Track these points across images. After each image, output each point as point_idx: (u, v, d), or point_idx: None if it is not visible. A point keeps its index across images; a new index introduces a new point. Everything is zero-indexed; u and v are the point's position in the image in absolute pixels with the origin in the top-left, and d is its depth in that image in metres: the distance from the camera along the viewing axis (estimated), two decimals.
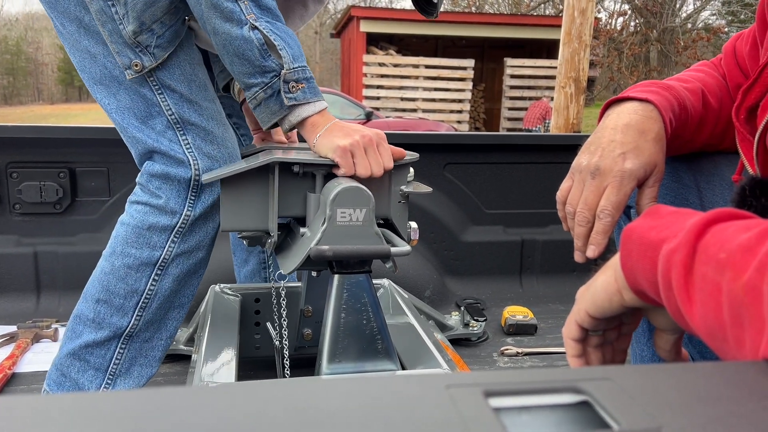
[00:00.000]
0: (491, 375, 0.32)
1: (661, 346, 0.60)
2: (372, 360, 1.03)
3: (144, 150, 1.13)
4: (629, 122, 0.78)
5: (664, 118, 0.78)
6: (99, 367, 1.14)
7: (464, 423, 0.28)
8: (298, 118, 1.07)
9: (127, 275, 1.12)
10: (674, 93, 0.82)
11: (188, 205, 1.14)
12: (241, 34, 1.03)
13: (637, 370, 0.33)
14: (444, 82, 12.63)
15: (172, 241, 1.14)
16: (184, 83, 1.12)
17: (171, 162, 1.12)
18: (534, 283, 2.18)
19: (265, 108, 1.07)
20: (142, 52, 1.08)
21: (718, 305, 0.39)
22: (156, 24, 1.08)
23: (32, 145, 1.83)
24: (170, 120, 1.11)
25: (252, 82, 1.05)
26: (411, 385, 0.31)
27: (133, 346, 1.15)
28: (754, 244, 0.38)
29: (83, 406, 0.29)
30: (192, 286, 1.20)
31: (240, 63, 1.05)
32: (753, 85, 0.72)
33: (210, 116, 1.15)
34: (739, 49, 0.88)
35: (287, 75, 1.04)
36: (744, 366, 0.34)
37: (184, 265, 1.16)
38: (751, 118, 0.73)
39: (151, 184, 1.14)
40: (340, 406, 0.29)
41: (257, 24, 1.03)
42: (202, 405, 0.29)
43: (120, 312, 1.13)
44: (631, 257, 0.52)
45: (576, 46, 5.38)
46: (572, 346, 0.62)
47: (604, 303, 0.56)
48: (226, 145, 1.17)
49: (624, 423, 0.28)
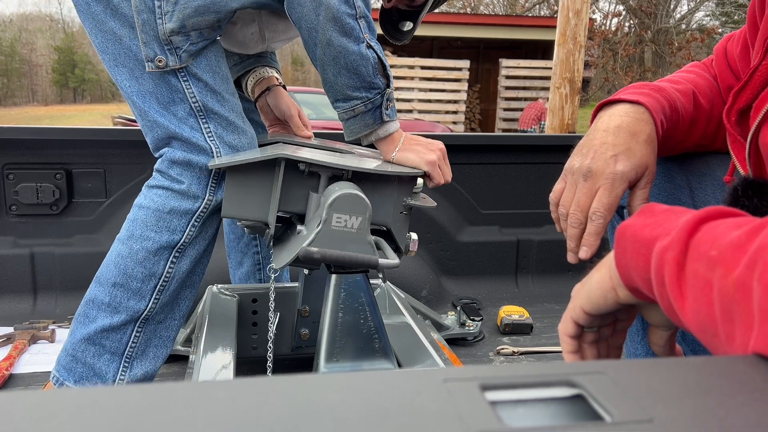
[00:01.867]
0: (487, 369, 0.33)
1: (655, 342, 0.60)
2: (369, 359, 1.04)
3: (164, 135, 1.14)
4: (620, 124, 0.78)
5: (656, 119, 0.79)
6: (115, 351, 1.14)
7: (461, 416, 0.29)
8: (386, 132, 1.17)
9: (146, 259, 1.13)
10: (665, 95, 0.83)
11: (210, 190, 1.15)
12: (359, 51, 1.09)
13: (630, 365, 0.34)
14: (439, 83, 12.63)
15: (193, 226, 1.15)
16: (209, 73, 1.13)
17: (192, 149, 1.13)
18: (529, 282, 2.19)
19: (360, 121, 1.15)
20: (171, 51, 1.09)
21: (709, 301, 0.40)
22: (195, 32, 1.10)
23: (29, 147, 1.83)
24: (193, 107, 1.12)
25: (355, 95, 1.12)
26: (408, 379, 0.32)
27: (148, 329, 1.16)
28: (744, 241, 0.39)
29: (83, 401, 0.29)
30: (204, 264, 1.22)
31: (349, 76, 1.10)
32: (744, 88, 0.72)
33: (231, 108, 1.16)
34: (730, 51, 0.89)
35: (389, 94, 1.14)
36: (734, 360, 0.34)
37: (201, 246, 1.18)
38: (742, 121, 0.73)
39: (172, 170, 1.14)
40: (337, 400, 0.30)
41: (372, 43, 1.11)
42: (199, 400, 0.30)
43: (137, 296, 1.13)
44: (625, 255, 0.52)
45: (571, 46, 5.39)
46: (568, 342, 0.63)
47: (599, 300, 0.57)
48: (247, 135, 1.18)
49: (617, 415, 0.29)
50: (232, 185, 1.09)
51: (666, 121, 0.81)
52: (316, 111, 9.00)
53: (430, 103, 12.62)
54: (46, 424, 0.27)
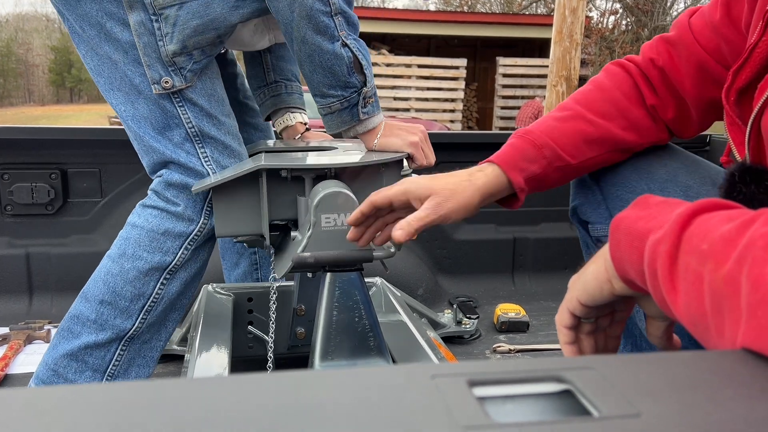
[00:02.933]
0: (476, 365, 0.33)
1: (652, 333, 0.60)
2: (364, 357, 1.04)
3: (160, 160, 1.14)
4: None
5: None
6: (97, 368, 1.13)
7: (449, 412, 0.29)
8: (365, 128, 1.16)
9: (137, 278, 1.12)
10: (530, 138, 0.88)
11: (205, 214, 1.14)
12: (333, 50, 1.07)
13: (618, 360, 0.34)
14: (436, 81, 12.62)
15: (186, 248, 1.14)
16: (204, 97, 1.13)
17: (189, 173, 1.13)
18: (526, 280, 2.19)
19: (337, 117, 1.14)
20: (175, 72, 1.09)
21: (700, 295, 0.40)
22: (197, 51, 1.09)
23: (23, 147, 1.83)
24: (189, 132, 1.12)
25: (331, 93, 1.11)
26: (396, 375, 0.32)
27: (132, 348, 1.15)
28: (735, 235, 0.39)
29: (76, 397, 0.29)
30: (193, 287, 1.21)
31: (323, 74, 1.09)
32: (743, 66, 0.69)
33: (227, 131, 1.16)
34: (697, 25, 0.85)
35: (367, 93, 1.12)
36: (722, 355, 0.35)
37: (192, 270, 1.17)
38: (742, 101, 0.71)
39: (168, 192, 1.14)
40: (326, 397, 0.30)
41: (347, 41, 1.08)
42: (187, 397, 0.30)
43: (125, 315, 1.12)
44: (619, 247, 0.52)
45: (567, 44, 5.40)
46: (565, 333, 0.63)
47: (594, 291, 0.57)
48: (241, 157, 1.19)
49: (604, 410, 0.29)
50: (220, 204, 1.10)
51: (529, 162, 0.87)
52: (313, 110, 8.93)
53: (428, 102, 12.61)
54: (37, 421, 0.27)
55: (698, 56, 0.84)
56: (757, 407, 0.29)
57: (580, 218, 0.98)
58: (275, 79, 1.46)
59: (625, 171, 0.91)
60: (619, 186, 0.91)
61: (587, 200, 0.95)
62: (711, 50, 0.82)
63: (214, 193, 1.09)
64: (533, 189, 0.90)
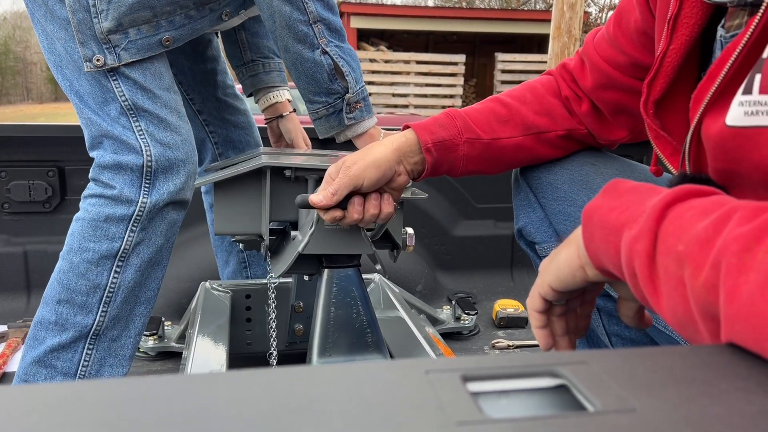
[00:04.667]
0: (470, 360, 0.33)
1: (624, 313, 0.60)
2: (362, 353, 1.04)
3: (97, 133, 1.13)
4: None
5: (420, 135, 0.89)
6: (67, 371, 1.10)
7: (442, 407, 0.28)
8: (354, 133, 1.17)
9: (88, 270, 1.10)
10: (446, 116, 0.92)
11: (143, 193, 1.11)
12: (312, 58, 1.10)
13: (613, 354, 0.34)
14: (435, 77, 12.60)
15: (131, 231, 1.11)
16: (139, 71, 1.11)
17: (122, 148, 1.11)
18: (525, 276, 2.19)
19: (325, 122, 1.16)
20: (109, 50, 1.08)
21: (684, 300, 0.39)
22: (133, 29, 1.08)
23: (20, 144, 1.82)
24: (123, 106, 1.10)
25: (316, 99, 1.13)
26: (390, 370, 0.32)
27: (101, 346, 1.12)
28: (711, 234, 0.38)
29: (68, 394, 0.29)
30: (156, 278, 1.17)
31: (307, 81, 1.12)
32: (656, 77, 0.69)
33: (164, 104, 1.13)
34: (598, 38, 0.90)
35: (350, 98, 1.14)
36: (717, 349, 0.34)
37: (145, 254, 1.14)
38: (660, 112, 0.71)
39: (102, 175, 1.12)
40: (318, 393, 0.29)
41: (327, 48, 1.10)
42: (179, 394, 0.29)
43: (83, 310, 1.10)
44: (593, 240, 0.52)
45: (566, 40, 5.38)
46: (536, 317, 0.63)
47: (567, 278, 0.56)
48: (180, 132, 1.15)
49: (599, 405, 0.29)
50: (221, 201, 1.08)
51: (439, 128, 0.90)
52: None
53: (426, 98, 12.59)
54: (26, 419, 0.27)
55: (598, 64, 0.88)
56: (753, 400, 0.29)
57: (527, 240, 0.99)
58: (252, 58, 1.45)
59: (563, 185, 0.92)
60: (560, 201, 0.92)
61: (530, 220, 0.96)
62: (608, 59, 0.86)
63: (216, 190, 1.08)
64: (442, 156, 0.91)
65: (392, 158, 0.88)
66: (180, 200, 1.15)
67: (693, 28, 0.64)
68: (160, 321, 1.58)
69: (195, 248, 1.93)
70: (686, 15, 0.64)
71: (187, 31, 1.15)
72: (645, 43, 0.80)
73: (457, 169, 0.93)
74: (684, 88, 0.68)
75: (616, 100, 0.88)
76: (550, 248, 0.93)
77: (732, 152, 0.55)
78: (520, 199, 0.98)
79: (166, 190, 1.12)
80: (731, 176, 0.58)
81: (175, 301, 1.83)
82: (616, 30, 0.84)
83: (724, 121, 0.54)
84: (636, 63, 0.82)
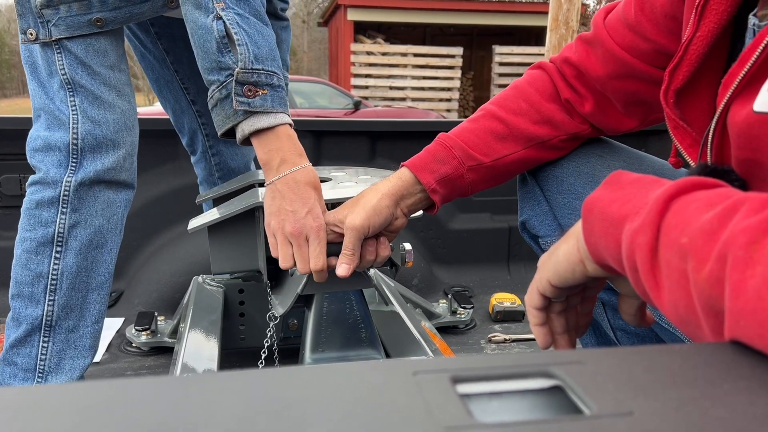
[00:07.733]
0: (460, 361, 0.31)
1: (625, 311, 0.58)
2: (355, 349, 1.02)
3: (38, 105, 1.12)
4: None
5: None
6: (27, 367, 1.09)
7: (429, 411, 0.27)
8: (252, 127, 0.91)
9: (29, 260, 1.08)
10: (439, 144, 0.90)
11: (69, 172, 1.09)
12: (204, 23, 0.92)
13: (610, 354, 0.32)
14: (433, 70, 12.57)
15: (62, 213, 1.09)
16: (80, 46, 1.09)
17: (54, 123, 1.09)
18: (521, 270, 2.18)
19: (220, 110, 0.93)
20: (42, 25, 1.07)
21: (687, 294, 0.38)
22: (64, 6, 1.07)
23: (11, 137, 1.80)
24: (62, 80, 1.09)
25: (210, 79, 0.94)
26: (376, 372, 0.30)
27: (57, 338, 1.11)
28: (716, 227, 0.36)
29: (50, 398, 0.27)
30: (104, 262, 1.14)
31: (201, 55, 0.94)
32: (679, 64, 0.66)
33: (103, 81, 1.11)
34: (610, 22, 0.84)
35: (241, 75, 0.90)
36: (718, 347, 0.33)
37: (83, 236, 1.11)
38: (681, 101, 0.68)
39: (33, 159, 1.11)
40: (300, 396, 0.28)
41: (222, 14, 0.92)
42: (159, 397, 0.28)
43: (32, 302, 1.09)
44: (594, 233, 0.50)
45: (563, 32, 5.36)
46: (535, 314, 0.61)
47: (566, 273, 0.55)
48: (114, 111, 1.11)
49: (596, 408, 0.28)
50: (215, 242, 1.08)
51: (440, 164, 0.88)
52: (309, 100, 8.93)
53: (423, 91, 12.57)
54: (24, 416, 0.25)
55: (614, 52, 0.82)
56: (757, 402, 0.28)
57: (531, 233, 0.97)
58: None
59: (569, 178, 0.89)
60: (565, 194, 0.89)
61: (535, 213, 0.94)
62: (626, 47, 0.81)
63: (210, 232, 1.08)
64: (450, 191, 0.90)
65: (390, 204, 0.87)
66: (113, 180, 1.11)
67: (722, 15, 0.61)
68: (153, 316, 1.57)
69: (187, 243, 1.91)
70: (716, 2, 0.61)
71: (124, 14, 1.11)
72: (672, 28, 0.75)
73: (466, 194, 0.92)
74: (707, 78, 0.65)
75: (633, 89, 0.83)
76: (553, 242, 0.91)
77: (757, 140, 0.53)
78: (525, 191, 0.96)
79: (93, 168, 1.09)
80: (754, 167, 0.56)
81: (168, 295, 1.82)
82: (639, 15, 0.79)
83: (752, 107, 0.52)
84: (660, 50, 0.78)
